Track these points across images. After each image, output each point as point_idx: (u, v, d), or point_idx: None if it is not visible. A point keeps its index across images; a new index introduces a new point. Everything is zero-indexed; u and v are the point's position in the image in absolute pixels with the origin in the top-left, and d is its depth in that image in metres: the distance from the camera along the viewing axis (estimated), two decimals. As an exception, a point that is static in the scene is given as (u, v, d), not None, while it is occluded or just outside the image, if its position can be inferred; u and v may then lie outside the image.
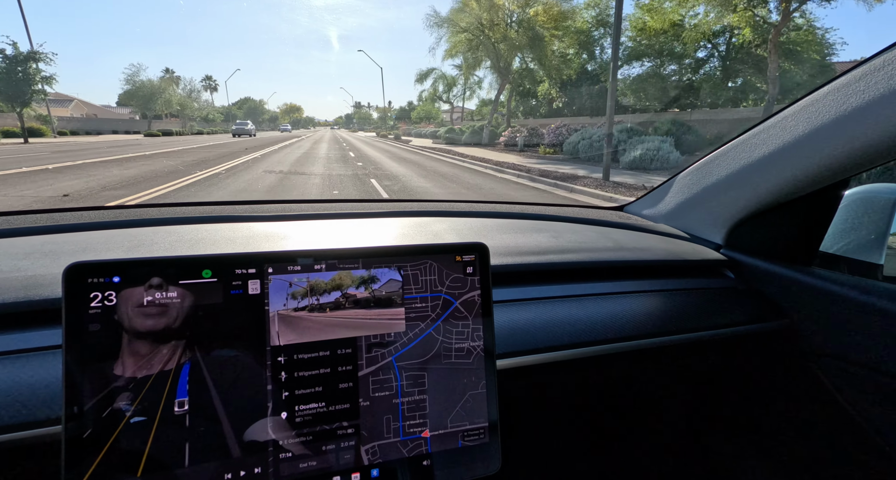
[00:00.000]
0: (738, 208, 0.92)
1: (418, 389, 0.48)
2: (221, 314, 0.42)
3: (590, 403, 0.98)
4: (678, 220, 1.12)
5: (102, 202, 5.87)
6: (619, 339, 0.74)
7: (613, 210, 1.34)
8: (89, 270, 0.39)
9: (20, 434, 0.46)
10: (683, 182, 1.10)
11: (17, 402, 0.47)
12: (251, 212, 0.99)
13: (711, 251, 0.99)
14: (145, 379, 0.39)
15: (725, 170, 0.94)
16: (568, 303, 0.77)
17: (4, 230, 0.79)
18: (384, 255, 0.48)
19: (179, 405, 0.40)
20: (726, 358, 0.96)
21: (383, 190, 8.19)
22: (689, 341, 0.79)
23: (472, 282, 0.51)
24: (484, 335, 0.51)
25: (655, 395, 1.03)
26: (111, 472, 0.38)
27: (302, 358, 0.44)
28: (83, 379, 0.38)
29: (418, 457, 0.47)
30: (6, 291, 0.56)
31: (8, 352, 0.51)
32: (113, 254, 0.72)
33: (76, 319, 0.38)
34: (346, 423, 0.45)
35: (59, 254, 0.69)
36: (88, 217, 0.89)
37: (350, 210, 1.06)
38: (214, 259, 0.42)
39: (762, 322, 0.86)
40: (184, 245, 0.76)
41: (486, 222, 1.09)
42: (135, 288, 0.40)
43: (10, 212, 0.90)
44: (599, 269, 0.88)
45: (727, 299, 0.89)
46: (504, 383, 0.55)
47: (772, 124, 0.83)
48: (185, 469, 0.39)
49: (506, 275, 0.79)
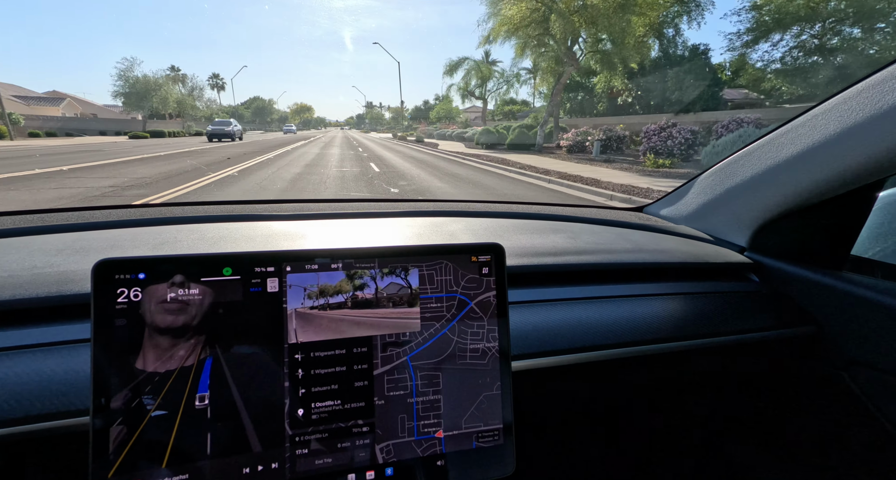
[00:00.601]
0: (763, 209, 0.90)
1: (433, 389, 0.48)
2: (241, 312, 0.43)
3: (606, 407, 0.96)
4: (700, 221, 1.10)
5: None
6: (638, 342, 0.72)
7: (632, 211, 1.32)
8: (116, 266, 0.40)
9: (50, 423, 0.48)
10: (706, 183, 1.07)
11: (49, 393, 0.49)
12: (270, 211, 1.01)
13: (735, 254, 0.96)
14: (168, 374, 0.40)
15: (751, 170, 0.91)
16: (585, 305, 0.76)
17: (39, 227, 0.83)
18: (400, 255, 0.48)
19: (200, 400, 0.41)
20: (750, 364, 0.93)
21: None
22: (711, 345, 0.77)
23: (487, 282, 0.51)
24: (499, 336, 0.51)
25: (674, 400, 1.01)
26: (138, 462, 0.39)
27: (318, 356, 0.45)
28: (110, 372, 0.39)
29: (432, 457, 0.47)
30: (41, 286, 0.58)
31: (41, 344, 0.53)
32: (139, 251, 0.74)
33: (104, 314, 0.39)
34: (361, 421, 0.45)
35: (89, 251, 0.72)
36: (117, 215, 0.92)
37: (366, 210, 1.07)
38: (235, 257, 0.43)
39: (788, 328, 0.83)
40: (206, 243, 0.78)
41: (502, 222, 1.08)
42: (159, 285, 0.41)
43: (45, 210, 0.94)
44: (617, 271, 0.87)
45: (751, 303, 0.86)
46: (519, 385, 0.55)
47: (801, 123, 0.80)
48: (207, 462, 0.40)
49: (522, 276, 0.79)
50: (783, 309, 0.86)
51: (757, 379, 0.98)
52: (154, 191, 7.30)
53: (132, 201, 7.28)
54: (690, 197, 1.13)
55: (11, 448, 0.47)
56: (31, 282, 0.59)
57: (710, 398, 1.03)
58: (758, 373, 0.96)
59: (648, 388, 0.96)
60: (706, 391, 1.02)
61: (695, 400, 1.03)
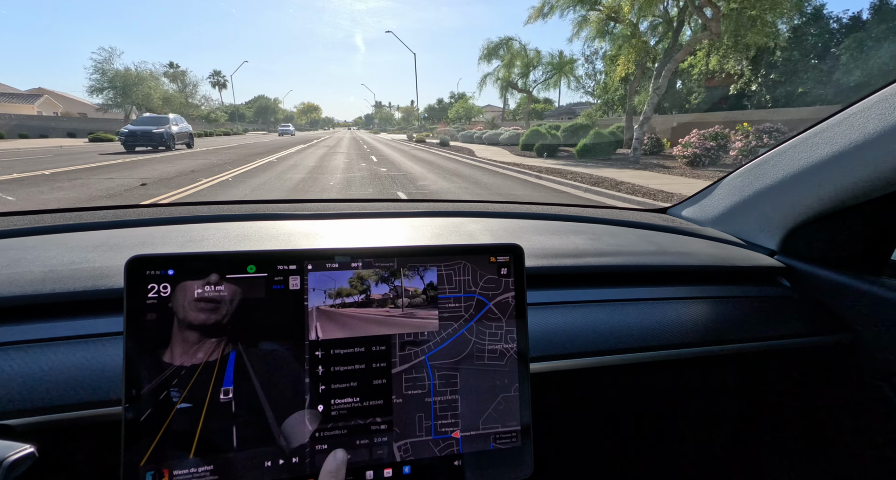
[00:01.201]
0: (796, 211, 0.86)
1: (450, 389, 0.48)
2: (264, 308, 0.44)
3: (627, 411, 0.94)
4: (727, 224, 1.06)
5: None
6: (661, 347, 0.70)
7: (656, 213, 1.28)
8: (147, 263, 0.42)
9: (84, 412, 0.50)
10: (734, 184, 1.04)
11: (83, 383, 0.51)
12: (292, 210, 1.03)
13: (765, 257, 0.93)
14: (194, 367, 0.42)
15: (783, 171, 0.87)
16: (606, 308, 0.75)
17: (77, 225, 0.87)
18: (419, 254, 0.48)
19: (225, 394, 0.42)
20: (780, 372, 0.89)
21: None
22: (738, 351, 0.75)
23: (506, 283, 0.50)
24: (517, 338, 0.50)
25: (699, 407, 0.98)
26: (167, 451, 0.40)
27: (338, 353, 0.45)
28: (141, 365, 0.41)
29: (450, 457, 0.47)
30: (78, 280, 0.61)
31: (77, 336, 0.56)
32: (169, 248, 0.77)
33: (135, 308, 0.41)
34: (379, 419, 0.46)
35: (123, 247, 0.75)
36: (148, 214, 0.96)
37: (386, 210, 1.08)
38: (258, 255, 0.44)
39: (822, 335, 0.79)
40: (230, 241, 0.81)
41: (522, 223, 1.07)
42: (186, 281, 0.42)
43: (82, 208, 0.98)
44: (640, 273, 0.85)
45: (782, 308, 0.83)
46: (537, 387, 0.54)
47: (837, 122, 0.77)
48: (231, 454, 0.42)
49: (541, 277, 0.78)
50: (817, 316, 0.82)
51: (787, 388, 0.94)
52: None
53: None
54: (717, 199, 1.09)
55: (49, 436, 0.49)
56: (69, 277, 0.62)
57: (736, 406, 0.99)
58: (788, 382, 0.93)
59: (671, 394, 0.94)
60: (733, 398, 0.98)
61: (720, 408, 0.99)
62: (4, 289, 0.58)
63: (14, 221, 0.87)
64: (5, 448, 0.44)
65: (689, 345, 0.72)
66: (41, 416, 0.49)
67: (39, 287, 0.59)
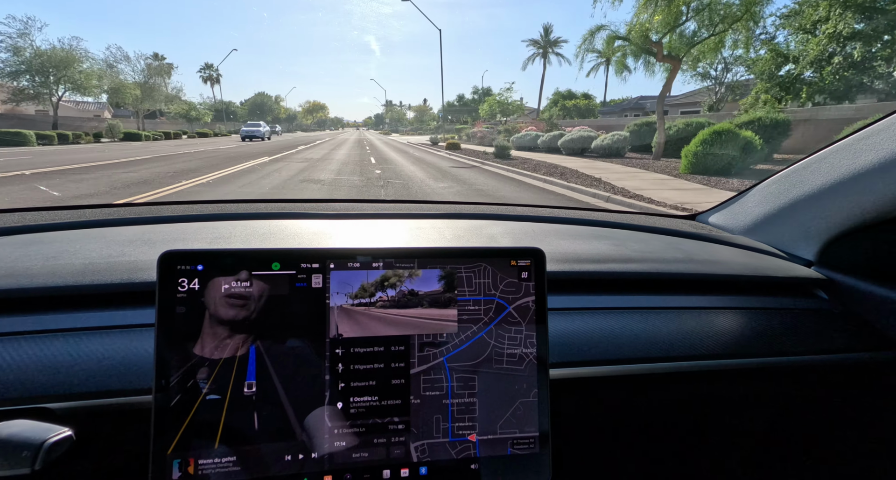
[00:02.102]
0: (836, 220, 0.82)
1: (468, 391, 0.48)
2: (286, 305, 0.45)
3: (650, 423, 0.92)
4: (761, 232, 1.02)
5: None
6: (687, 357, 0.68)
7: (684, 219, 1.25)
8: (178, 258, 0.43)
9: (116, 399, 0.52)
10: (768, 191, 0.99)
11: (117, 371, 0.53)
12: (317, 210, 1.05)
13: (801, 268, 0.88)
14: (220, 361, 0.43)
15: (823, 178, 0.83)
16: (629, 315, 0.73)
17: (114, 220, 0.91)
18: (439, 256, 0.49)
19: (248, 387, 0.43)
20: (814, 389, 0.85)
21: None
22: (770, 366, 0.71)
23: (526, 287, 0.50)
24: (537, 343, 0.50)
25: (724, 422, 0.94)
26: (193, 440, 0.42)
27: (357, 352, 0.46)
28: (170, 356, 0.42)
29: (466, 460, 0.47)
30: (115, 273, 0.64)
31: (112, 327, 0.58)
32: (199, 244, 0.80)
33: (166, 301, 0.43)
34: (396, 419, 0.46)
35: (155, 242, 0.78)
36: (181, 210, 1.00)
37: (408, 211, 1.09)
38: (283, 253, 0.45)
39: (862, 352, 0.75)
40: (257, 239, 0.83)
41: (544, 226, 1.06)
42: (216, 278, 0.44)
43: (120, 204, 1.03)
44: (667, 281, 0.82)
45: (819, 322, 0.79)
46: (557, 393, 0.53)
47: (883, 128, 0.72)
48: (253, 445, 0.43)
49: (562, 282, 0.77)
50: (858, 331, 0.78)
51: (821, 407, 0.89)
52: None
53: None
54: (750, 206, 1.05)
55: (85, 421, 0.52)
56: (106, 269, 0.65)
57: (764, 423, 0.95)
58: (822, 400, 0.88)
59: (695, 407, 0.91)
60: (760, 415, 0.94)
61: (747, 425, 0.95)
62: (48, 280, 0.61)
63: (59, 215, 0.93)
64: (45, 431, 0.47)
65: (716, 357, 0.69)
66: (78, 401, 0.51)
67: (79, 279, 0.62)
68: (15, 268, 0.64)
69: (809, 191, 0.86)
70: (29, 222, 0.87)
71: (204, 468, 0.41)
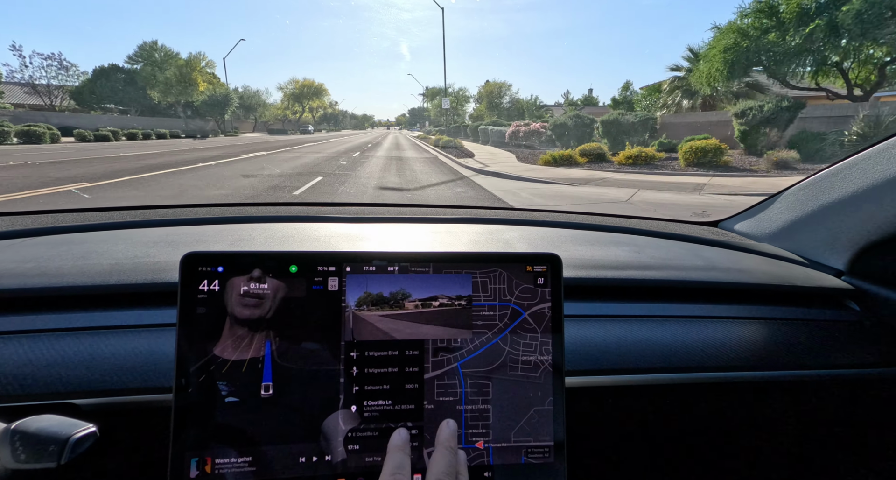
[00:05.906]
0: (869, 229, 0.78)
1: (482, 398, 0.47)
2: (303, 308, 0.45)
3: (669, 435, 0.89)
4: (787, 240, 0.98)
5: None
6: (708, 368, 0.66)
7: (706, 226, 1.22)
8: (200, 259, 0.44)
9: (138, 397, 0.53)
10: (795, 197, 0.96)
11: (139, 370, 0.55)
12: (334, 213, 1.07)
13: (830, 278, 0.85)
14: (238, 362, 0.44)
15: (854, 185, 0.80)
16: (648, 324, 0.71)
17: (141, 221, 0.94)
18: (454, 261, 0.48)
19: (265, 389, 0.44)
20: (844, 404, 0.81)
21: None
22: (797, 378, 0.69)
23: (542, 294, 0.49)
24: (553, 350, 0.49)
25: (745, 436, 0.91)
26: (210, 441, 0.42)
27: (372, 355, 0.46)
28: (190, 356, 0.43)
29: (479, 468, 0.47)
30: (140, 273, 0.66)
31: (136, 326, 0.60)
32: (220, 246, 0.82)
33: (188, 301, 0.44)
34: (410, 423, 0.46)
35: (178, 244, 0.81)
36: (203, 213, 1.02)
37: (424, 215, 1.10)
38: (300, 256, 0.46)
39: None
40: (275, 241, 0.84)
41: (561, 232, 1.05)
42: (234, 278, 0.44)
43: (146, 206, 1.07)
44: (687, 289, 0.80)
45: (851, 334, 0.76)
46: (572, 402, 0.52)
47: None
48: (269, 447, 0.43)
49: (579, 289, 0.76)
50: (892, 344, 0.74)
51: (851, 423, 0.85)
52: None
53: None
54: (776, 213, 1.02)
55: (109, 418, 0.53)
56: (132, 270, 0.67)
57: (788, 438, 0.91)
58: (853, 416, 0.84)
59: (715, 419, 0.88)
60: (784, 430, 0.90)
61: (770, 439, 0.92)
62: (77, 279, 0.63)
63: (88, 217, 0.96)
64: (71, 426, 0.48)
65: (739, 368, 0.67)
66: (102, 398, 0.53)
67: (106, 278, 0.64)
68: (47, 267, 0.67)
69: (840, 198, 0.83)
70: (60, 223, 0.91)
71: (221, 467, 0.42)
